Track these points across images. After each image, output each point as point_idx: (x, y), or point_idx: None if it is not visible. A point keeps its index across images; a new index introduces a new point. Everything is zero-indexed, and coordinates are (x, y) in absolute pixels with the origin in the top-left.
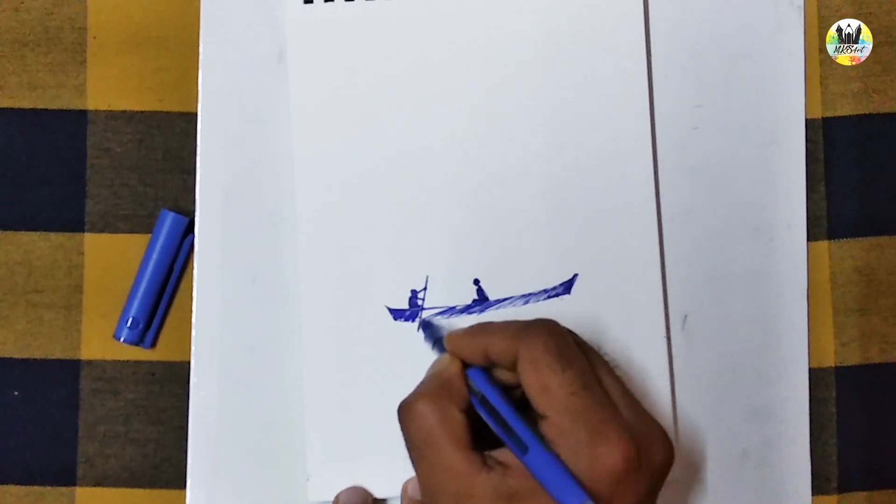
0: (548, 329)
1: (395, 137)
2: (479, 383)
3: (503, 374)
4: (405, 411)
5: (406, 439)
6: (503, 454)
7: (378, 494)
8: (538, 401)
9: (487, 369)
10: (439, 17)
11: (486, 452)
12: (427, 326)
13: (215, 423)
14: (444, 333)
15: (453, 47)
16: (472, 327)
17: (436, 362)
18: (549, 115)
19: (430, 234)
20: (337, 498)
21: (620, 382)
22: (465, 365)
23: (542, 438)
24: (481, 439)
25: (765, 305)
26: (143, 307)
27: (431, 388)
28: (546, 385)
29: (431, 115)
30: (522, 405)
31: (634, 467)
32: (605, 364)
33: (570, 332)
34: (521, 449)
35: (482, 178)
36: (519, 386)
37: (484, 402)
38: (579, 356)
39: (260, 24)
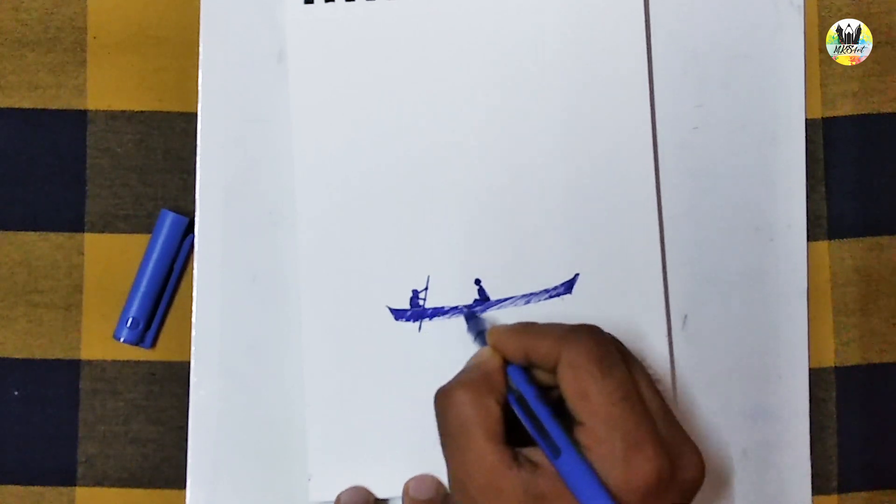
0: (591, 335)
1: (395, 137)
2: (518, 381)
3: (542, 375)
4: (443, 398)
5: (440, 426)
6: (534, 453)
7: (379, 494)
8: (576, 407)
9: (527, 368)
10: (440, 17)
11: (517, 449)
12: (471, 318)
13: (215, 423)
14: (488, 327)
15: (454, 48)
16: (516, 325)
17: (477, 353)
18: (550, 115)
19: (431, 234)
20: (338, 498)
21: (659, 396)
22: (506, 360)
23: (575, 444)
24: (513, 436)
25: (765, 305)
26: (143, 307)
27: (471, 378)
28: (585, 392)
29: (431, 115)
30: (558, 408)
31: (666, 482)
32: (647, 376)
33: (614, 340)
34: (554, 452)
35: (483, 177)
36: (556, 388)
37: (521, 400)
38: (621, 366)
39: (260, 24)
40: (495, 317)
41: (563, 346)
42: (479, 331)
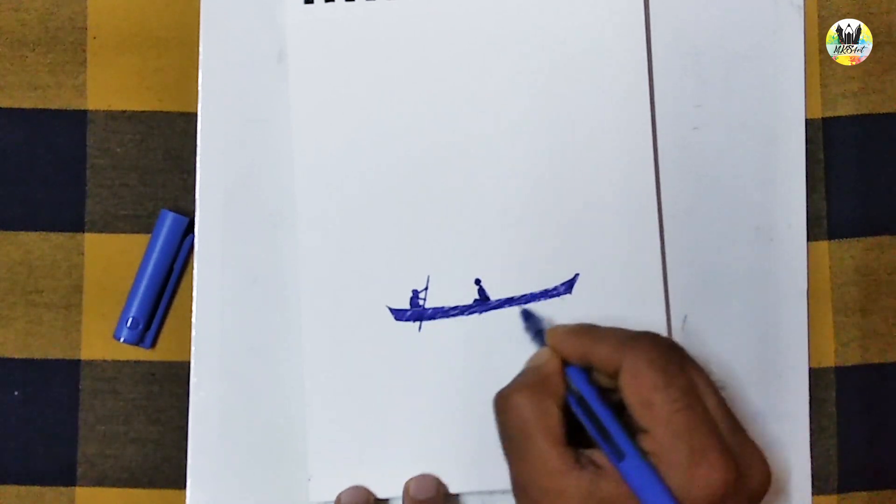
0: (654, 343)
1: (395, 137)
2: (579, 383)
3: (602, 377)
4: (503, 401)
5: (501, 430)
6: (597, 455)
7: (380, 494)
8: (639, 415)
9: (587, 369)
10: (439, 17)
11: (580, 450)
12: (528, 317)
13: (215, 423)
14: (545, 326)
15: (453, 48)
16: (576, 327)
17: (535, 355)
18: (550, 115)
19: (431, 234)
20: (339, 498)
21: (724, 403)
22: (565, 361)
23: (638, 446)
24: (574, 438)
25: (765, 305)
26: (143, 307)
27: (530, 380)
28: (648, 400)
29: (431, 115)
30: (619, 410)
31: (732, 491)
32: (711, 383)
33: (677, 346)
34: (618, 455)
35: (483, 177)
36: (617, 392)
37: (581, 402)
38: (684, 373)
39: (260, 24)
40: (493, 320)
41: (625, 352)
42: (537, 330)
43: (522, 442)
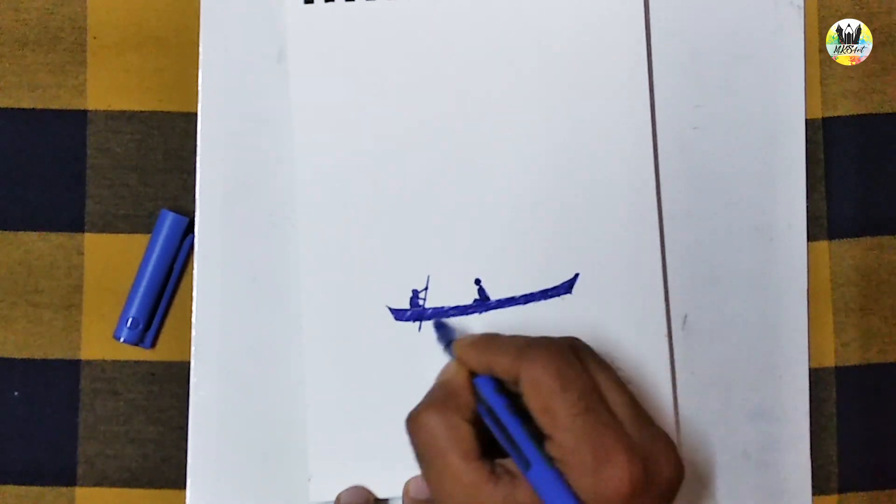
0: (548, 349)
1: (395, 137)
2: (486, 393)
3: (512, 384)
4: (412, 422)
5: (414, 450)
6: (511, 464)
7: (380, 494)
8: (542, 422)
9: (496, 378)
10: (440, 17)
11: (496, 461)
12: (440, 327)
13: (215, 423)
14: (456, 336)
15: (453, 47)
16: (479, 338)
17: (443, 370)
18: (551, 115)
19: (432, 234)
20: (338, 497)
21: (630, 399)
22: (473, 372)
23: (545, 453)
24: (493, 447)
25: (765, 305)
26: (143, 307)
27: (437, 397)
28: (548, 406)
29: (431, 114)
30: (530, 418)
31: (641, 488)
32: (616, 380)
33: (574, 345)
34: (525, 464)
35: (483, 177)
36: None
37: (490, 412)
38: (581, 376)
39: (260, 24)
40: (493, 320)
41: (522, 362)
42: (448, 341)
43: (436, 461)
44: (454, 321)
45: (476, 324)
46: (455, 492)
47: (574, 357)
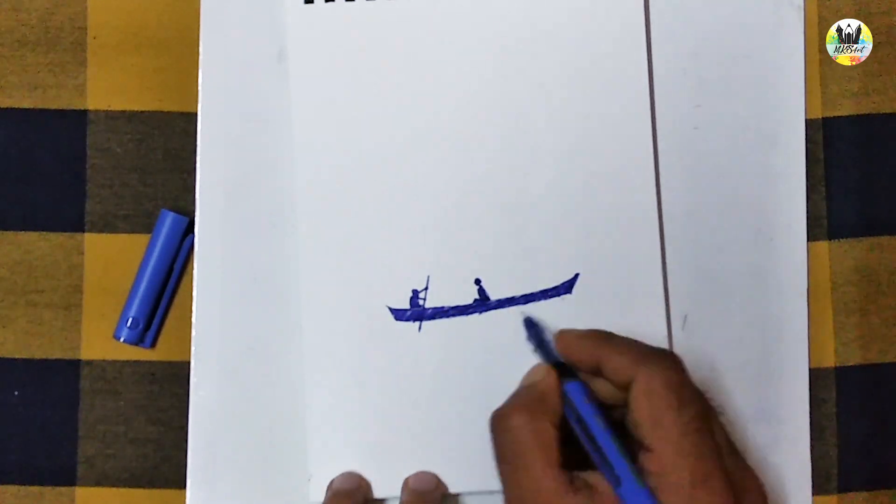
0: (671, 362)
1: (395, 137)
2: (577, 401)
3: (602, 389)
4: (498, 422)
5: (496, 451)
6: (593, 477)
7: (379, 494)
8: (648, 433)
9: (586, 384)
10: (440, 17)
11: (575, 473)
12: (531, 326)
13: (215, 423)
14: (549, 336)
15: (454, 47)
16: (591, 332)
17: (531, 371)
18: (550, 115)
19: (431, 234)
20: (331, 483)
21: (724, 428)
22: (561, 378)
23: (635, 469)
24: (572, 454)
25: (765, 305)
26: (143, 307)
27: (526, 399)
28: (660, 420)
29: (431, 114)
30: (619, 428)
31: None
32: (713, 409)
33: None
34: (615, 480)
35: (483, 177)
36: (618, 406)
37: (580, 421)
38: (700, 398)
39: (260, 24)
40: (493, 320)
41: (641, 368)
42: (539, 340)
43: (517, 464)
44: (544, 314)
45: (476, 324)
46: (531, 498)
47: (691, 378)
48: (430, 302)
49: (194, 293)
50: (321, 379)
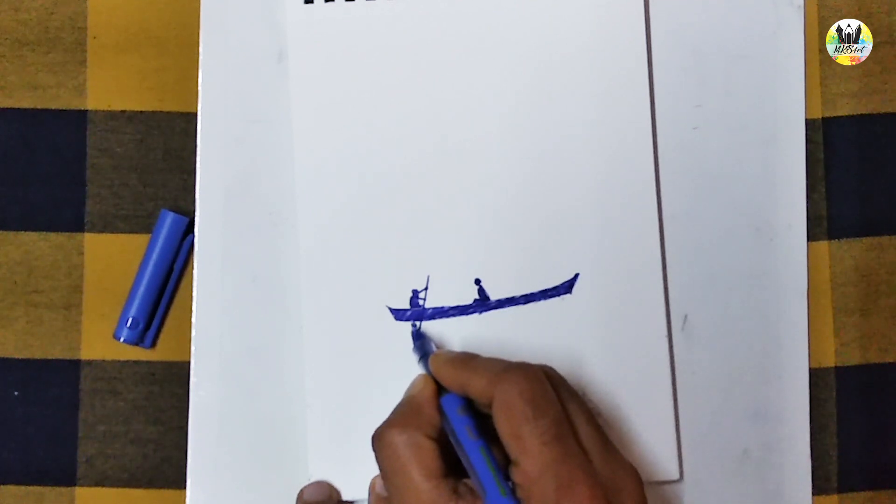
0: (525, 375)
1: (395, 137)
2: (451, 413)
3: (485, 406)
4: (377, 440)
5: (379, 467)
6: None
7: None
8: (510, 447)
9: (467, 398)
10: (440, 17)
11: (462, 480)
12: (418, 338)
13: (215, 423)
14: (433, 349)
15: (453, 47)
16: (456, 356)
17: (411, 384)
18: (550, 115)
19: (431, 234)
20: (301, 492)
21: (598, 430)
22: (442, 388)
23: (501, 480)
24: (460, 464)
25: (765, 305)
26: (143, 307)
27: (401, 414)
28: (518, 432)
29: (431, 115)
30: (498, 440)
31: None
32: (585, 411)
33: (551, 374)
34: (483, 490)
35: (483, 177)
36: None
37: (452, 433)
38: (554, 405)
39: (260, 24)
40: (493, 320)
41: (497, 385)
42: (423, 353)
43: (398, 479)
44: (433, 333)
45: (476, 324)
46: None
47: (548, 385)
48: (430, 302)
49: (194, 293)
50: (321, 379)
